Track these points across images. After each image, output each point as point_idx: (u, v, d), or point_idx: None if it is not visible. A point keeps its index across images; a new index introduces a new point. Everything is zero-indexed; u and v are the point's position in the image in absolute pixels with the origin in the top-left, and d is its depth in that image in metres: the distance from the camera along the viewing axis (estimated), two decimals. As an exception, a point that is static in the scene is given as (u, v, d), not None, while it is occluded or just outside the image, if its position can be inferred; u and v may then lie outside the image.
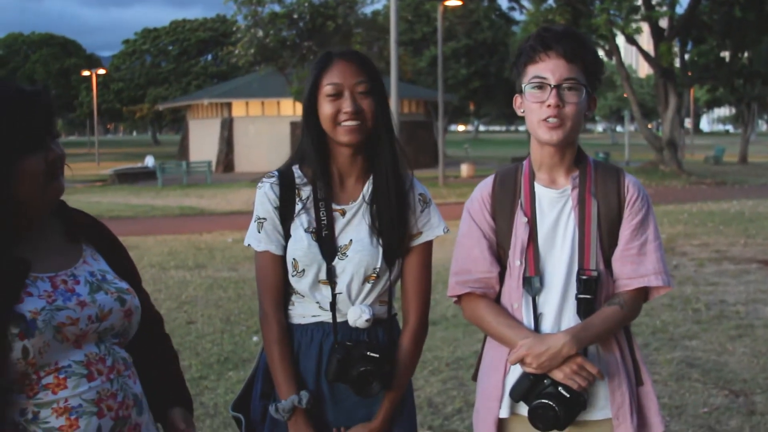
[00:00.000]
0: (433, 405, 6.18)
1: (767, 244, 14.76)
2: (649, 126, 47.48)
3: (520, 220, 2.83)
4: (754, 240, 15.38)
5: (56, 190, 2.32)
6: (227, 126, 47.64)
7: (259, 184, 2.88)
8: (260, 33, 36.00)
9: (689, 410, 6.04)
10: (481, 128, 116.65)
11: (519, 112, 2.86)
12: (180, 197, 29.31)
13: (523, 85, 2.79)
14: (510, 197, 2.88)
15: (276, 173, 2.89)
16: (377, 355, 2.72)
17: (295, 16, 35.91)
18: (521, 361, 2.70)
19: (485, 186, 2.96)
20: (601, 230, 2.78)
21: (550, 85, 2.71)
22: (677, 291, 10.49)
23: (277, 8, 36.22)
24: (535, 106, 2.75)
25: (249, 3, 36.04)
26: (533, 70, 2.75)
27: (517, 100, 2.86)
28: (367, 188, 2.87)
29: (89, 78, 75.10)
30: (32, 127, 2.24)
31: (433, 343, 7.86)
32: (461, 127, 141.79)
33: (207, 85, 76.45)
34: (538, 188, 2.86)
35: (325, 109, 2.75)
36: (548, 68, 2.72)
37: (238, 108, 48.14)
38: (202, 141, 49.51)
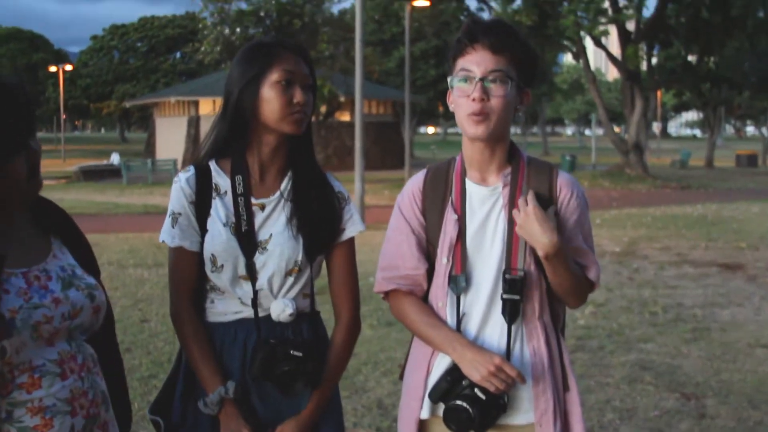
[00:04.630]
0: (382, 407, 6.12)
1: (728, 248, 14.84)
2: (617, 130, 47.67)
3: (450, 217, 2.74)
4: (716, 244, 15.45)
5: (36, 186, 2.27)
6: (194, 124, 47.28)
7: (175, 179, 2.81)
8: (227, 30, 35.80)
9: (640, 413, 6.02)
10: (450, 130, 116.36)
11: (451, 108, 2.75)
12: (144, 195, 29.09)
13: (449, 79, 2.71)
14: (441, 193, 2.79)
15: (192, 168, 2.82)
16: (300, 354, 2.65)
17: (262, 13, 35.75)
18: None
19: (416, 181, 2.88)
20: None
21: (475, 78, 2.62)
22: (635, 294, 10.52)
23: (243, 6, 36.09)
24: (462, 101, 2.65)
25: (216, 0, 35.86)
26: (461, 63, 2.66)
27: (450, 95, 2.75)
28: (287, 182, 2.81)
29: (56, 74, 74.23)
30: (16, 130, 2.14)
31: (387, 344, 7.82)
32: (430, 129, 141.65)
33: (175, 83, 76.02)
34: (469, 185, 2.76)
35: (275, 96, 2.68)
36: (474, 61, 2.63)
37: (205, 106, 47.80)
38: (169, 139, 49.15)
